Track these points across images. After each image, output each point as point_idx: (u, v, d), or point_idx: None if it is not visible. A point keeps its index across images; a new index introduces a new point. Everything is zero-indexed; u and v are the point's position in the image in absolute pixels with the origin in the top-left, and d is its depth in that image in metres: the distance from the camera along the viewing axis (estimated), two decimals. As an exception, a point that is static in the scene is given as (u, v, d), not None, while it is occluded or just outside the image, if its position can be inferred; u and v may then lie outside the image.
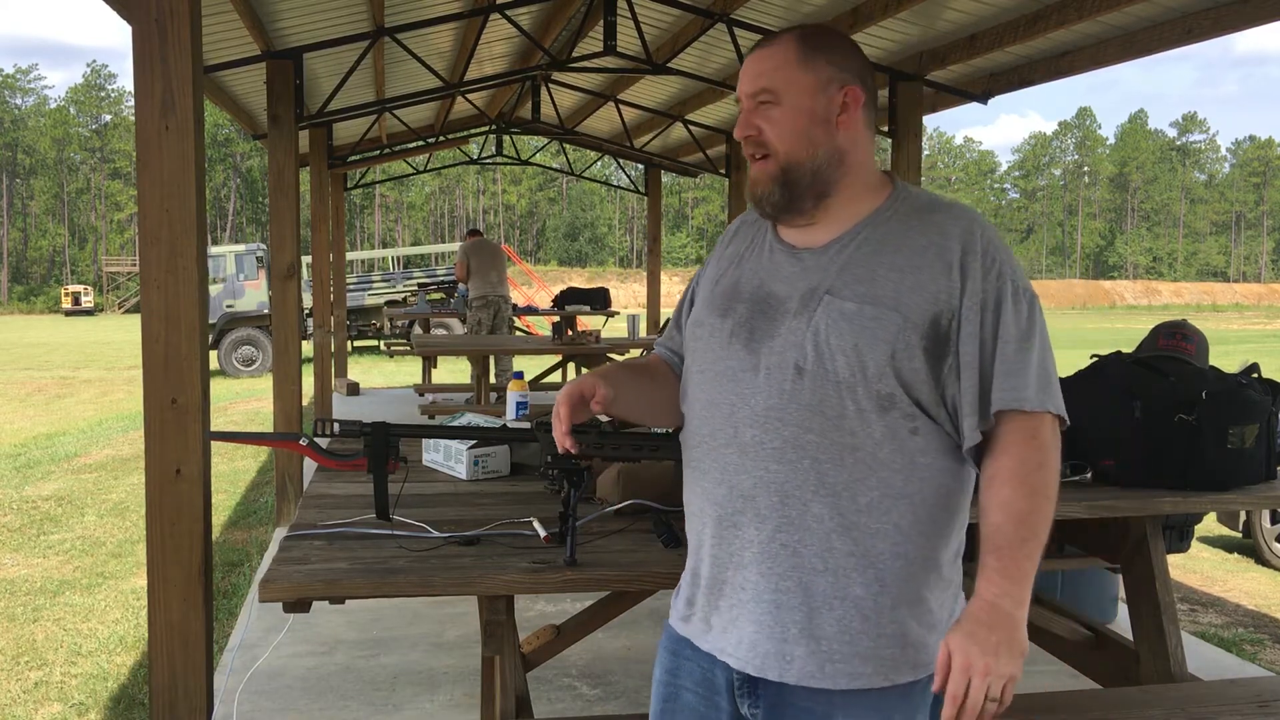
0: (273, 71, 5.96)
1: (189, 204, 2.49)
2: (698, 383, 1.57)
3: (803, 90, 1.50)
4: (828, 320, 1.44)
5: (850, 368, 1.42)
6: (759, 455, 1.46)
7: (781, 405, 1.45)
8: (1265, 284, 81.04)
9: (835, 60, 1.51)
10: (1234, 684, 2.63)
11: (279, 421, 5.99)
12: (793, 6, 6.28)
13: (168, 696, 2.52)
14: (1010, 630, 1.34)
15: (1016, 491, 1.41)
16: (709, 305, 1.59)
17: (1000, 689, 1.31)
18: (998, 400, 1.43)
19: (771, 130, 1.51)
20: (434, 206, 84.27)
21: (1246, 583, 5.93)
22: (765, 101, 1.51)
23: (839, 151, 1.51)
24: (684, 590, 1.62)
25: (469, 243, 10.67)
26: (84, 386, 16.33)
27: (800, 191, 1.51)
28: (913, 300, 1.43)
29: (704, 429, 1.54)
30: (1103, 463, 2.69)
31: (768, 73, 1.51)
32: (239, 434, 2.11)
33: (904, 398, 1.43)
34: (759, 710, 1.50)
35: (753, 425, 1.47)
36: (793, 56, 1.50)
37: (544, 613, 4.43)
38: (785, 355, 1.46)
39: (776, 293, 1.51)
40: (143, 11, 2.44)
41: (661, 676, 1.64)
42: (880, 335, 1.42)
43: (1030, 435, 1.44)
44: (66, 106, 76.93)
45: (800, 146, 1.50)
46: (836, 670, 1.44)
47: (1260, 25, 4.62)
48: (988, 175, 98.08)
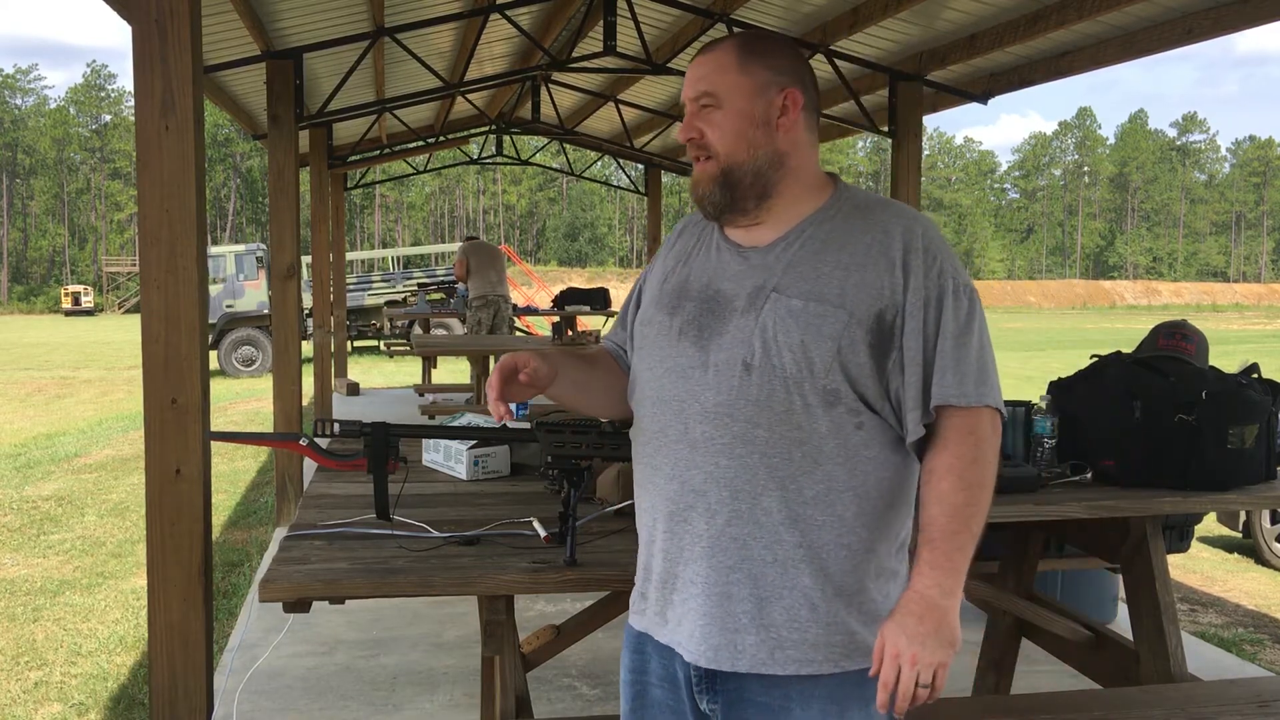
0: (273, 71, 5.96)
1: (189, 204, 2.49)
2: (647, 380, 1.59)
3: (742, 93, 1.54)
4: (775, 317, 1.48)
5: (797, 364, 1.46)
6: (709, 450, 1.50)
7: (730, 401, 1.48)
8: (1265, 284, 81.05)
9: (774, 64, 1.55)
10: (1234, 684, 2.63)
11: (279, 421, 5.99)
12: (793, 6, 6.28)
13: (168, 696, 2.52)
14: (938, 620, 1.40)
15: (952, 485, 1.45)
16: (658, 303, 1.62)
17: (930, 676, 1.38)
18: (937, 395, 1.47)
19: (712, 133, 1.55)
20: (434, 207, 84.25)
21: (1246, 583, 5.93)
22: (707, 105, 1.56)
23: (779, 153, 1.55)
24: (638, 585, 1.65)
25: (468, 244, 10.68)
26: (84, 386, 16.33)
27: (741, 192, 1.55)
28: (857, 297, 1.47)
29: (654, 425, 1.57)
30: (1103, 463, 2.69)
31: (708, 77, 1.56)
32: (239, 434, 2.11)
33: (849, 393, 1.47)
34: (717, 706, 1.54)
35: (703, 421, 1.50)
36: (732, 61, 1.55)
37: (544, 613, 4.43)
38: (733, 352, 1.49)
39: (724, 291, 1.55)
40: (143, 11, 2.44)
41: (628, 676, 1.66)
42: (826, 332, 1.46)
43: (968, 430, 1.47)
44: (66, 106, 76.91)
45: (740, 148, 1.54)
46: (787, 657, 1.49)
47: (1260, 25, 4.62)
48: (988, 175, 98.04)
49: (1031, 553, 3.19)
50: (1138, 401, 2.65)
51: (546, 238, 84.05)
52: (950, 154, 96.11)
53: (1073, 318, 50.73)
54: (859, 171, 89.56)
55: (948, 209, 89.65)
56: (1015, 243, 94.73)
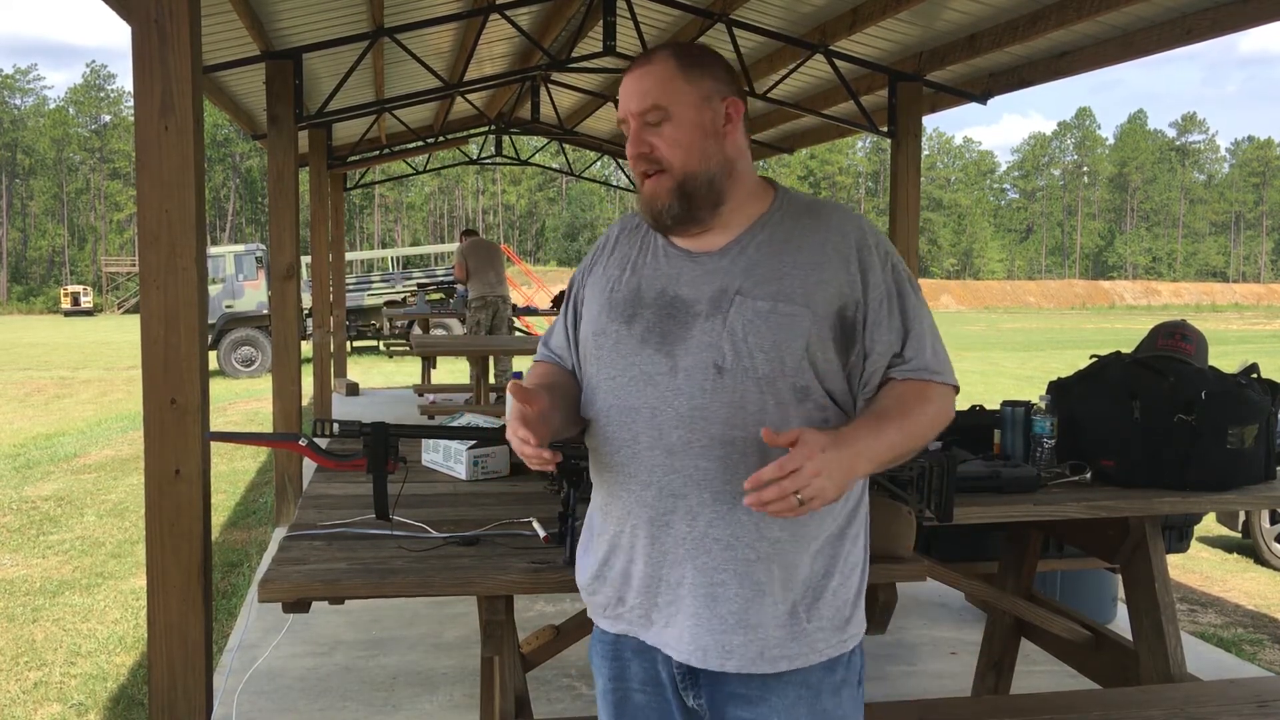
0: (272, 72, 5.96)
1: (188, 204, 2.49)
2: (609, 389, 1.58)
3: (690, 104, 1.53)
4: (743, 320, 1.49)
5: (770, 364, 1.48)
6: (687, 454, 1.50)
7: (704, 404, 1.49)
8: (1265, 284, 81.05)
9: (712, 74, 1.56)
10: (1233, 684, 2.63)
11: (278, 422, 5.99)
12: (792, 6, 6.28)
13: (167, 697, 2.52)
14: (847, 462, 1.39)
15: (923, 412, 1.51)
16: (609, 312, 1.59)
17: (810, 497, 1.34)
18: (913, 372, 1.53)
19: (665, 146, 1.54)
20: (433, 207, 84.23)
21: (1246, 583, 5.93)
22: (655, 120, 1.54)
23: (728, 160, 1.56)
24: (604, 590, 1.62)
25: (466, 243, 10.63)
26: (83, 387, 16.33)
27: (698, 202, 1.55)
28: (820, 295, 1.50)
29: (623, 434, 1.55)
30: (1102, 463, 2.69)
31: (653, 89, 1.54)
32: (238, 434, 2.11)
33: (818, 388, 1.51)
34: (703, 700, 1.56)
35: (678, 426, 1.50)
36: (675, 72, 1.54)
37: (544, 613, 4.43)
38: (702, 356, 1.50)
39: (683, 296, 1.55)
40: (142, 12, 2.44)
41: (607, 685, 1.65)
42: (796, 330, 1.49)
43: (939, 395, 1.55)
44: (66, 107, 76.87)
45: (695, 159, 1.54)
46: (775, 655, 1.51)
47: (1260, 25, 4.63)
48: (987, 175, 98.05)
49: (1031, 553, 3.19)
50: (1137, 401, 2.65)
51: (546, 238, 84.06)
52: (950, 154, 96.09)
53: (1072, 318, 50.73)
54: (858, 171, 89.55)
55: (947, 209, 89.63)
56: (1015, 243, 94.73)
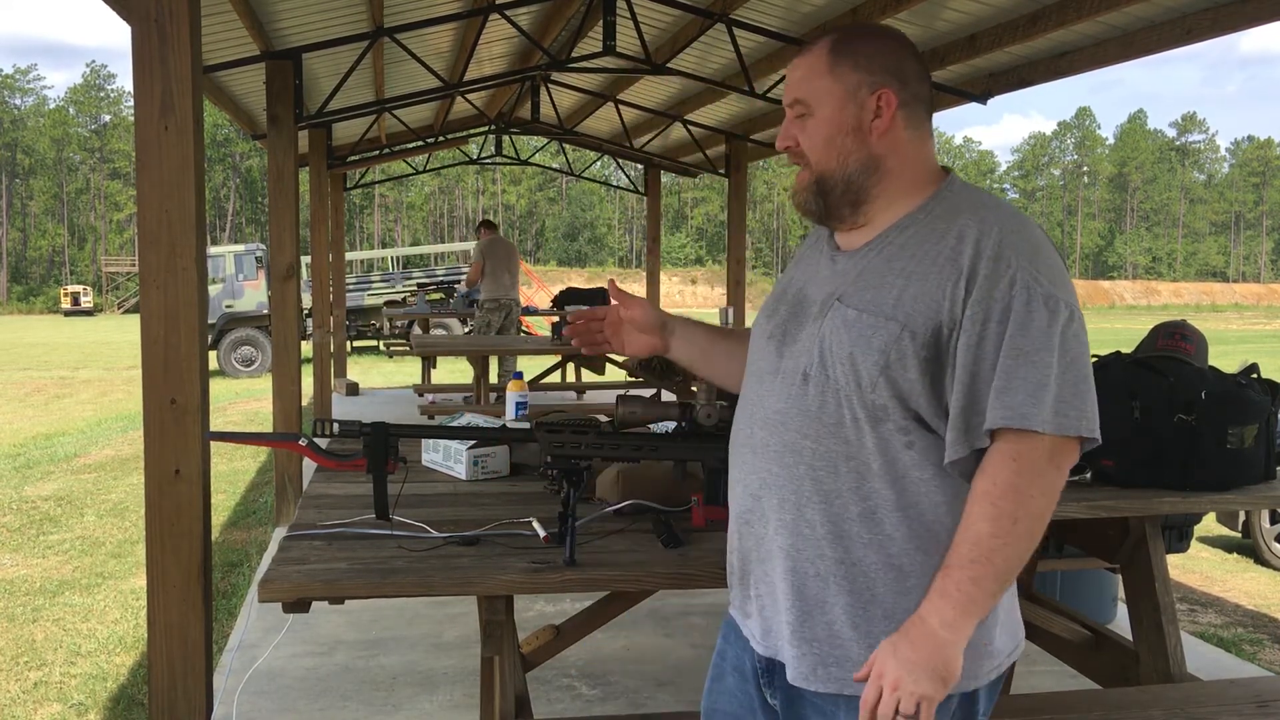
0: (272, 72, 5.95)
1: (188, 204, 2.49)
2: (745, 379, 1.62)
3: (831, 100, 1.48)
4: (832, 327, 1.44)
5: (847, 376, 1.41)
6: (765, 456, 1.50)
7: (786, 409, 1.47)
8: (1265, 284, 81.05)
9: (864, 64, 1.47)
10: (1233, 684, 2.62)
11: (278, 422, 5.98)
12: (792, 6, 6.28)
13: (167, 697, 2.52)
14: (932, 651, 1.32)
15: (981, 512, 1.34)
16: (765, 303, 1.64)
17: (912, 707, 1.31)
18: (991, 419, 1.35)
19: (806, 142, 1.52)
20: (433, 206, 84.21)
21: (1246, 583, 5.93)
22: (801, 113, 1.52)
23: (874, 159, 1.48)
24: (729, 567, 1.67)
25: (485, 241, 10.34)
26: (83, 386, 16.33)
27: (835, 200, 1.51)
28: (914, 309, 1.38)
29: (738, 425, 1.60)
30: (1102, 463, 2.69)
31: (799, 83, 1.51)
32: (238, 434, 2.10)
33: (898, 410, 1.39)
34: (778, 700, 1.54)
35: (763, 427, 1.50)
36: (822, 65, 1.49)
37: (544, 613, 4.43)
38: (799, 360, 1.48)
39: (810, 296, 1.53)
40: (142, 11, 2.44)
41: (715, 657, 1.70)
42: (874, 344, 1.39)
43: (1011, 456, 1.34)
44: (66, 106, 76.88)
45: (830, 158, 1.50)
46: (829, 674, 1.45)
47: (1260, 25, 4.62)
48: (987, 175, 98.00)
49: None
50: (1137, 401, 2.64)
51: (546, 238, 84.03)
52: (950, 154, 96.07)
53: (1072, 318, 50.60)
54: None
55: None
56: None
